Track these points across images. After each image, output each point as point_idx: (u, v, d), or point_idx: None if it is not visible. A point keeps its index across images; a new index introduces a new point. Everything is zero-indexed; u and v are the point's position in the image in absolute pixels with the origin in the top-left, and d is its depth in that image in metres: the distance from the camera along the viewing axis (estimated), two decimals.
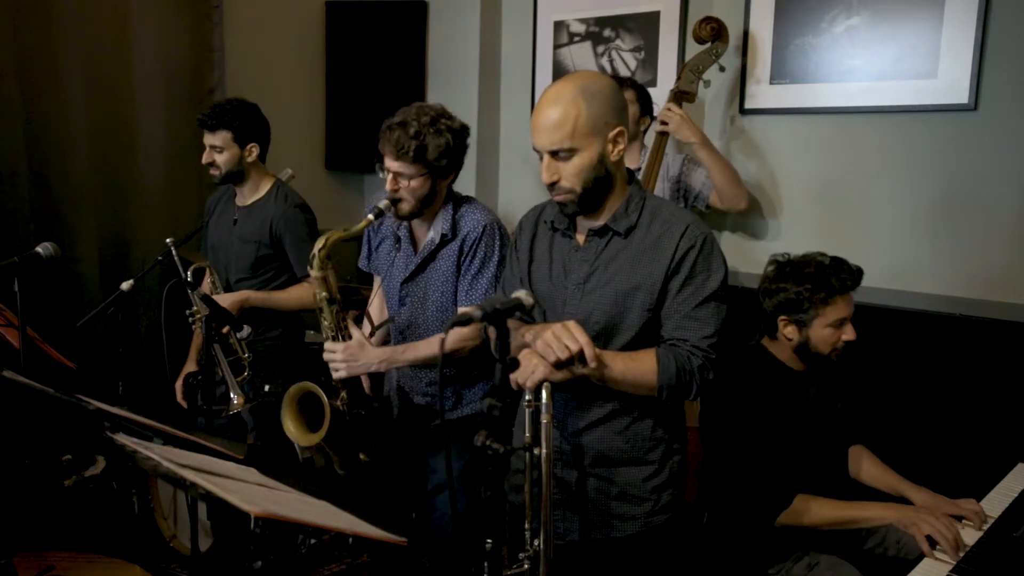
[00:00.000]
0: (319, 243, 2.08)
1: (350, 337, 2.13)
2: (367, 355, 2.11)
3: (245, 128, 2.66)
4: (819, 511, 2.00)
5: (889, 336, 2.67)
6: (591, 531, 1.76)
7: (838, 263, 2.06)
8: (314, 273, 2.09)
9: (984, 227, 2.62)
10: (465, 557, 2.28)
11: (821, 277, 2.03)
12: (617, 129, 1.66)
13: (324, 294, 2.11)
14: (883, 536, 2.14)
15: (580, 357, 1.56)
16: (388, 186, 2.11)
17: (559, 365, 1.57)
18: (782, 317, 2.09)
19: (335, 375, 2.13)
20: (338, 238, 2.08)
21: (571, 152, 1.63)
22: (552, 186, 1.68)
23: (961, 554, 1.81)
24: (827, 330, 2.04)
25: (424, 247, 2.21)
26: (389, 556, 2.52)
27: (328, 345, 2.12)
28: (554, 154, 1.65)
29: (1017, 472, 2.21)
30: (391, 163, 2.08)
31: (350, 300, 2.97)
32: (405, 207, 2.12)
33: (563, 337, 1.55)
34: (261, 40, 3.86)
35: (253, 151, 2.70)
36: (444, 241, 2.18)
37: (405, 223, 2.25)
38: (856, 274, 2.07)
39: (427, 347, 2.16)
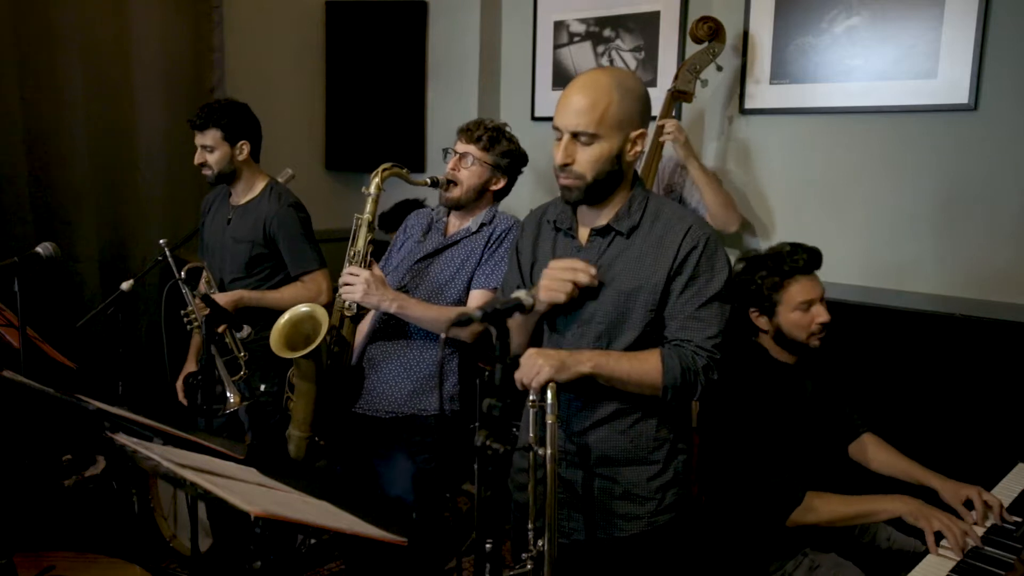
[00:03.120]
0: (385, 165, 2.26)
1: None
2: (384, 290, 2.18)
3: (234, 126, 2.67)
4: (832, 507, 1.98)
5: (889, 336, 2.67)
6: (595, 531, 1.76)
7: (794, 247, 2.08)
8: (370, 190, 2.24)
9: (984, 227, 2.62)
10: (420, 565, 2.32)
11: (774, 262, 2.06)
12: (639, 131, 1.68)
13: (368, 216, 2.24)
14: (875, 530, 2.16)
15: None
16: (450, 167, 2.31)
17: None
18: (751, 309, 2.10)
19: (348, 296, 2.19)
20: (399, 174, 2.28)
21: (593, 138, 1.64)
22: (564, 168, 1.68)
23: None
24: (795, 314, 2.04)
25: (457, 233, 2.33)
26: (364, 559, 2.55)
27: (351, 269, 2.20)
28: (575, 136, 1.65)
29: (1017, 472, 2.21)
30: (462, 146, 2.31)
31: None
32: (456, 191, 2.29)
33: (561, 275, 1.63)
34: (261, 40, 3.86)
35: (244, 149, 2.71)
36: (478, 231, 2.30)
37: (443, 219, 2.38)
38: (812, 253, 2.07)
39: (439, 311, 2.20)
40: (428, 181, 2.30)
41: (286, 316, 2.29)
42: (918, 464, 2.18)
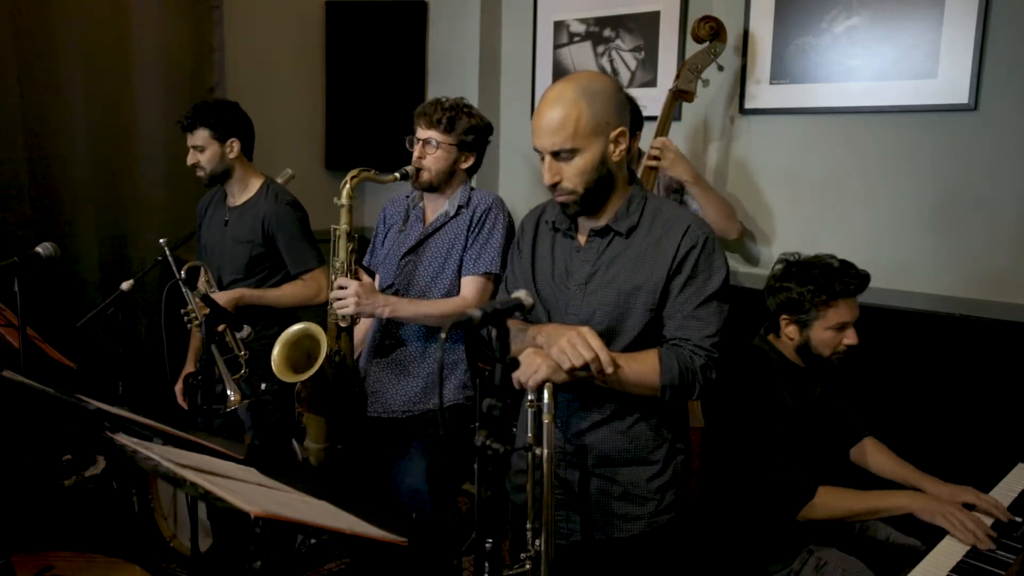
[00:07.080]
0: (353, 172, 2.21)
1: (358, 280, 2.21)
2: (375, 297, 2.18)
3: (222, 124, 2.68)
4: (844, 502, 1.98)
5: (889, 336, 2.67)
6: (595, 531, 1.76)
7: (845, 267, 2.05)
8: (342, 201, 2.20)
9: (984, 227, 2.62)
10: (433, 562, 2.33)
11: (825, 279, 2.02)
12: (619, 129, 1.67)
13: (344, 227, 2.21)
14: (875, 528, 2.18)
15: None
16: (415, 154, 2.29)
17: (572, 371, 1.57)
18: (784, 316, 2.09)
19: (343, 310, 2.18)
20: (368, 177, 2.23)
21: (573, 153, 1.64)
22: (554, 187, 1.68)
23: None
24: (828, 333, 2.04)
25: (437, 219, 2.32)
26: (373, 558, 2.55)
27: (340, 280, 2.19)
28: (555, 155, 1.65)
29: (1017, 472, 2.21)
30: (423, 132, 2.29)
31: None
32: (426, 176, 2.28)
33: (578, 345, 1.55)
34: (261, 40, 3.86)
35: (234, 146, 2.71)
36: (457, 213, 2.29)
37: (420, 204, 2.38)
38: (862, 279, 2.05)
39: (430, 306, 2.22)
40: (397, 176, 2.28)
41: (280, 342, 2.28)
42: (912, 467, 2.19)
